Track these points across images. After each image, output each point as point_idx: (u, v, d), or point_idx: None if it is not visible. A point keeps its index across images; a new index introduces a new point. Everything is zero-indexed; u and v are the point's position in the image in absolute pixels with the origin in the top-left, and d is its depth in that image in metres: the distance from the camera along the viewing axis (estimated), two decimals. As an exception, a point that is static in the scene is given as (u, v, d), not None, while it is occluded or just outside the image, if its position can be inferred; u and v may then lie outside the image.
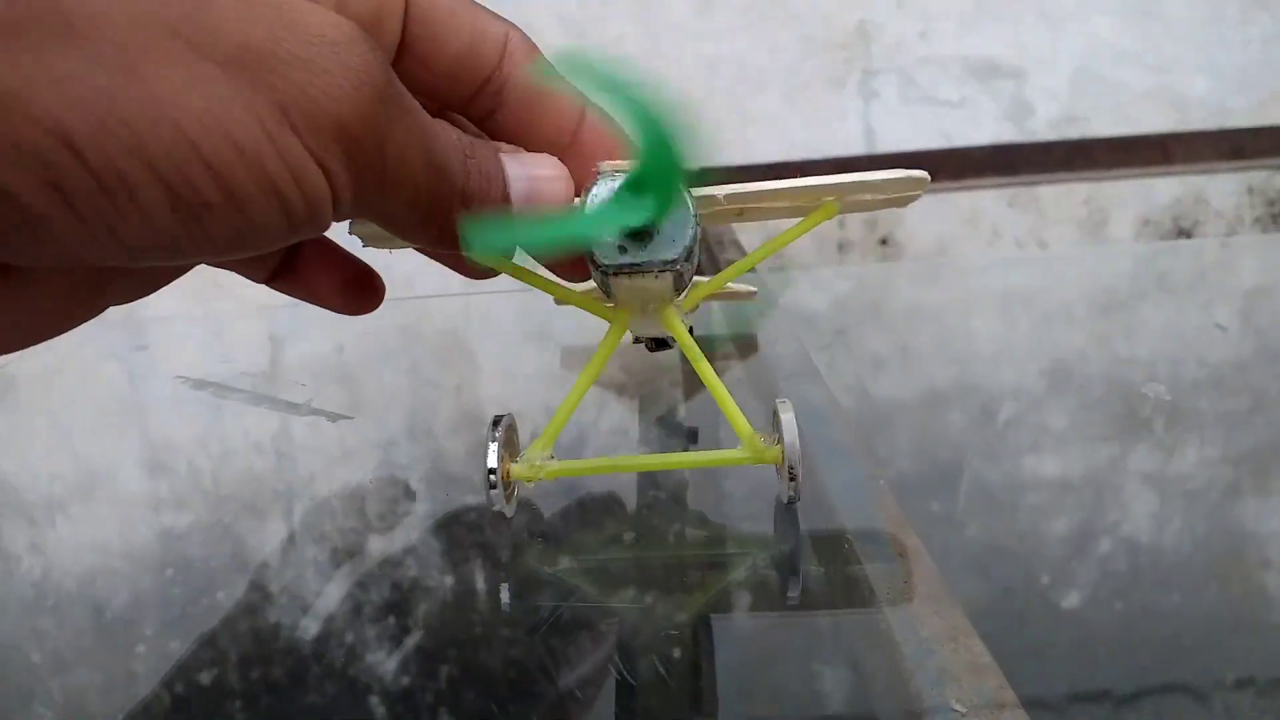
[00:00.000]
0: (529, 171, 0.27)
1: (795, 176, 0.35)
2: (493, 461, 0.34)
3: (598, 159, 0.29)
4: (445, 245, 0.26)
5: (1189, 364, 0.52)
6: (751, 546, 0.36)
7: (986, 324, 0.61)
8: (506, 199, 0.27)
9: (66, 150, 0.18)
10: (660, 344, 0.46)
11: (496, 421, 0.35)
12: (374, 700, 0.29)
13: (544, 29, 0.96)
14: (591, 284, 0.34)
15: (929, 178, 0.35)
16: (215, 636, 0.33)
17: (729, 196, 0.34)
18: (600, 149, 0.29)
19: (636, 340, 0.46)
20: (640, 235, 0.30)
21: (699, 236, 0.31)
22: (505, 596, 0.34)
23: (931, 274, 0.87)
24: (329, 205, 0.22)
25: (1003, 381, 0.51)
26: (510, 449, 0.36)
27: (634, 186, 0.27)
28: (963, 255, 0.98)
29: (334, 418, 0.48)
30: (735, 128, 0.98)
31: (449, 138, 0.25)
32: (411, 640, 0.32)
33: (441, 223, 0.25)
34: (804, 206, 0.36)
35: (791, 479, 0.33)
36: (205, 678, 0.31)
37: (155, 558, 0.39)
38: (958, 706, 0.25)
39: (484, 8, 0.28)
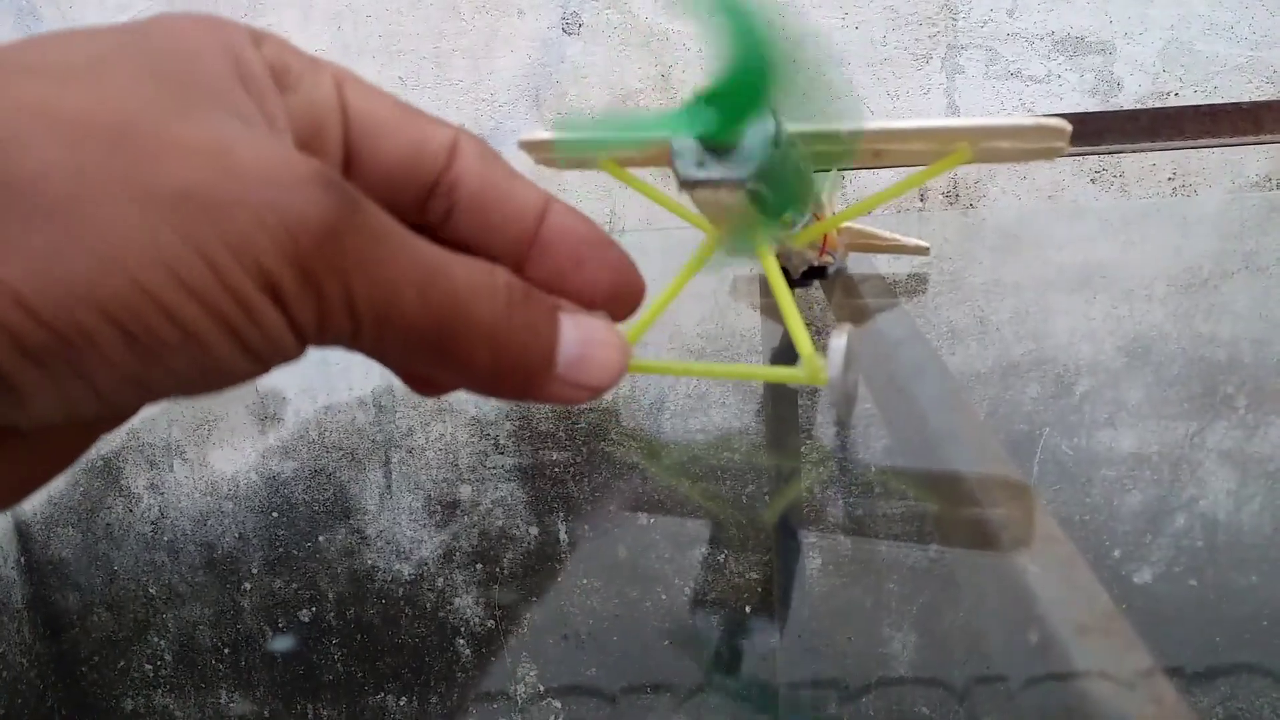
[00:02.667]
0: (585, 335, 0.26)
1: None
2: None
3: (563, 258, 0.27)
4: (469, 385, 0.25)
5: (1275, 344, 0.51)
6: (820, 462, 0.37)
7: (1066, 299, 0.61)
8: (550, 361, 0.25)
9: (19, 310, 0.18)
10: (806, 277, 0.52)
11: None
12: (461, 642, 0.31)
13: (640, 8, 0.97)
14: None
15: (1069, 128, 0.34)
16: (315, 577, 0.35)
17: (854, 133, 0.34)
18: (566, 246, 0.27)
19: (793, 282, 0.52)
20: (718, 149, 0.30)
21: (790, 164, 0.31)
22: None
23: (1012, 246, 0.86)
24: (290, 340, 0.22)
25: (1079, 356, 0.51)
26: None
27: (712, 97, 0.27)
28: (1044, 230, 0.97)
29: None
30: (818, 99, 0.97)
31: (471, 275, 0.23)
32: (497, 586, 0.33)
33: (465, 363, 0.23)
34: (938, 150, 0.35)
35: (837, 402, 0.33)
36: (305, 615, 0.33)
37: (262, 501, 0.41)
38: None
39: (429, 115, 0.27)
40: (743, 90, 0.26)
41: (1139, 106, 0.96)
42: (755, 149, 0.30)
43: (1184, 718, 0.26)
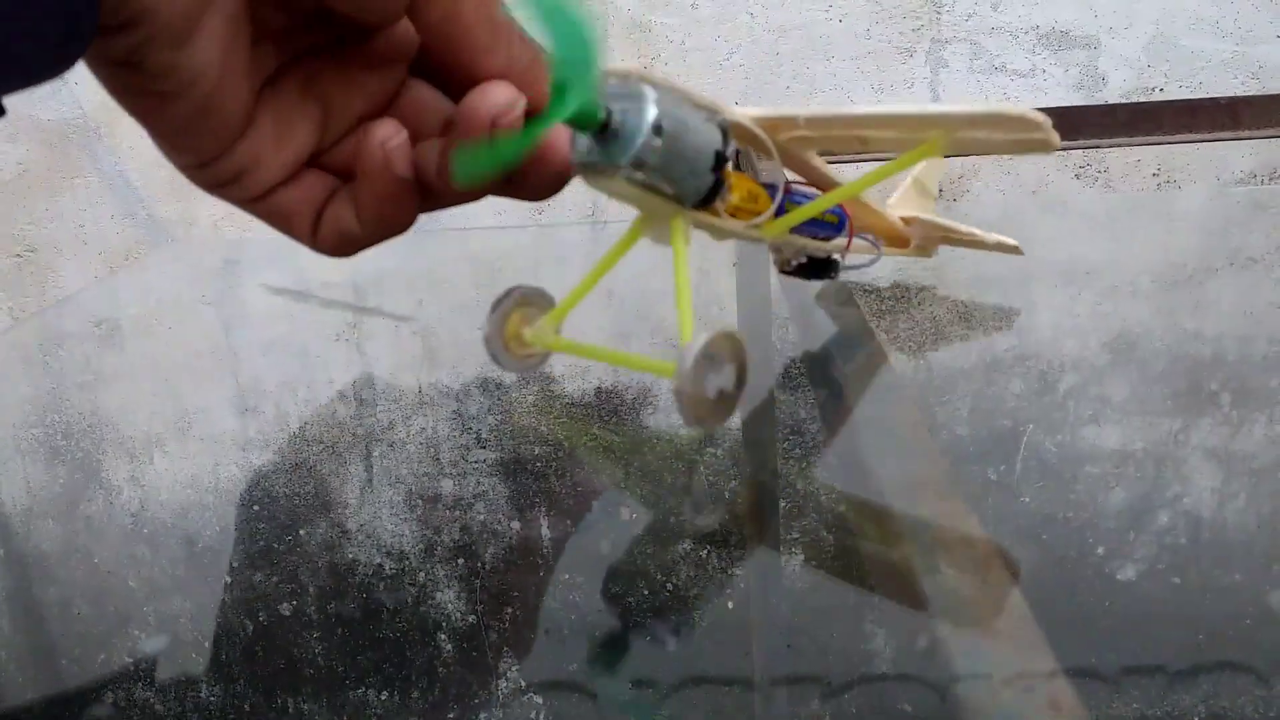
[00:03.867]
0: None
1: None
2: (489, 327, 0.38)
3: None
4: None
5: (1259, 341, 0.51)
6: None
7: (1050, 294, 0.61)
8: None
9: None
10: (809, 272, 0.49)
11: (509, 292, 0.39)
12: (442, 637, 0.30)
13: (623, 0, 0.97)
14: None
15: (1043, 119, 0.34)
16: (296, 570, 0.35)
17: (811, 120, 0.34)
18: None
19: (784, 271, 0.50)
20: (603, 138, 0.32)
21: (686, 154, 0.33)
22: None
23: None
24: None
25: (1063, 351, 0.51)
26: (527, 318, 0.40)
27: (556, 86, 0.29)
28: (1028, 225, 0.97)
29: (399, 320, 0.50)
30: (802, 93, 0.98)
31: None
32: (479, 581, 0.33)
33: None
34: (907, 140, 0.35)
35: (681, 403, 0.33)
36: (286, 609, 0.33)
37: (243, 494, 0.41)
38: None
39: None
40: (565, 73, 0.29)
41: (1124, 101, 0.96)
42: (631, 136, 0.32)
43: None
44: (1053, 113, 0.34)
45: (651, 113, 0.33)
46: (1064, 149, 0.95)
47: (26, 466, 0.44)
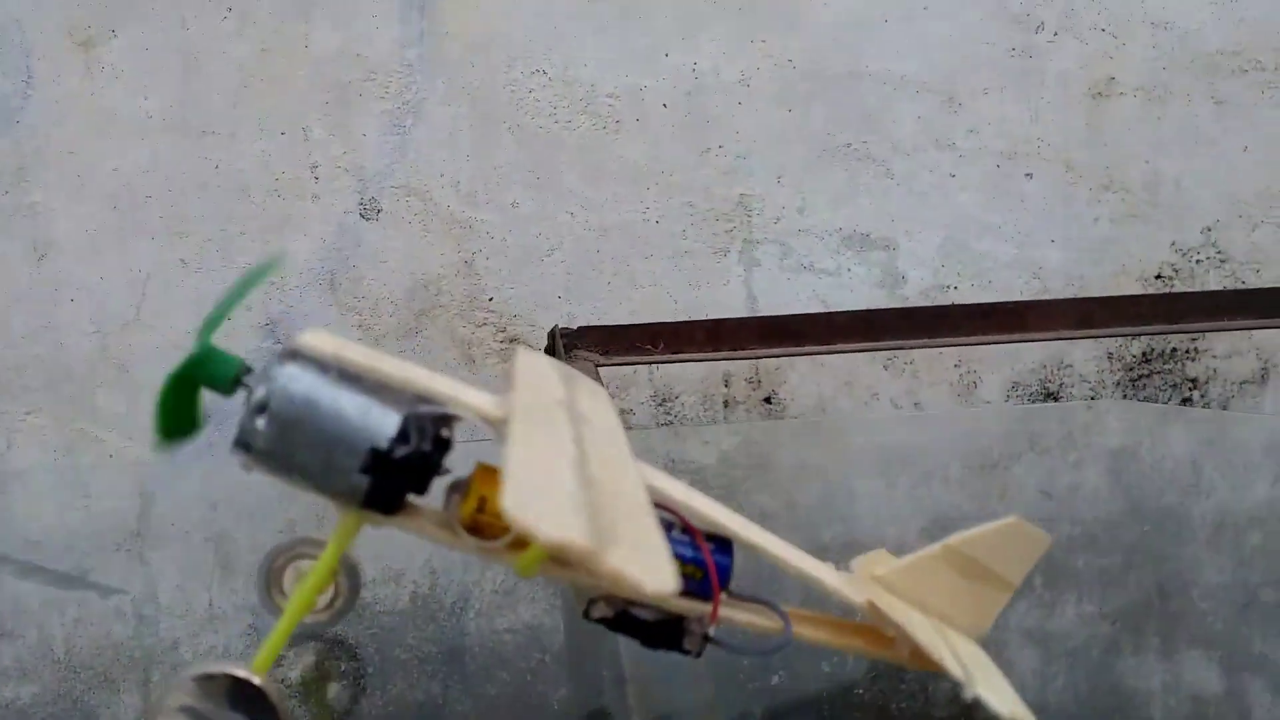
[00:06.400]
0: None
1: (666, 334, 0.35)
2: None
3: None
4: None
5: (1063, 522, 0.53)
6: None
7: (869, 482, 0.62)
8: None
9: None
10: (640, 633, 0.34)
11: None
12: None
13: (443, 197, 0.98)
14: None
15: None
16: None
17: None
18: None
19: (589, 618, 0.34)
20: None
21: (296, 444, 0.30)
22: None
23: (814, 432, 0.88)
24: None
25: (885, 538, 0.52)
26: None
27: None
28: (843, 415, 1.00)
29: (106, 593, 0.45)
30: (623, 289, 1.00)
31: None
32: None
33: None
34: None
35: None
36: None
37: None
38: None
39: None
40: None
41: (923, 299, 1.02)
42: (241, 415, 0.31)
43: None
44: (857, 316, 0.36)
45: (262, 388, 0.30)
46: (873, 349, 1.00)
47: None
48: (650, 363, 0.96)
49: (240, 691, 0.30)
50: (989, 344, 0.97)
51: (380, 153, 0.98)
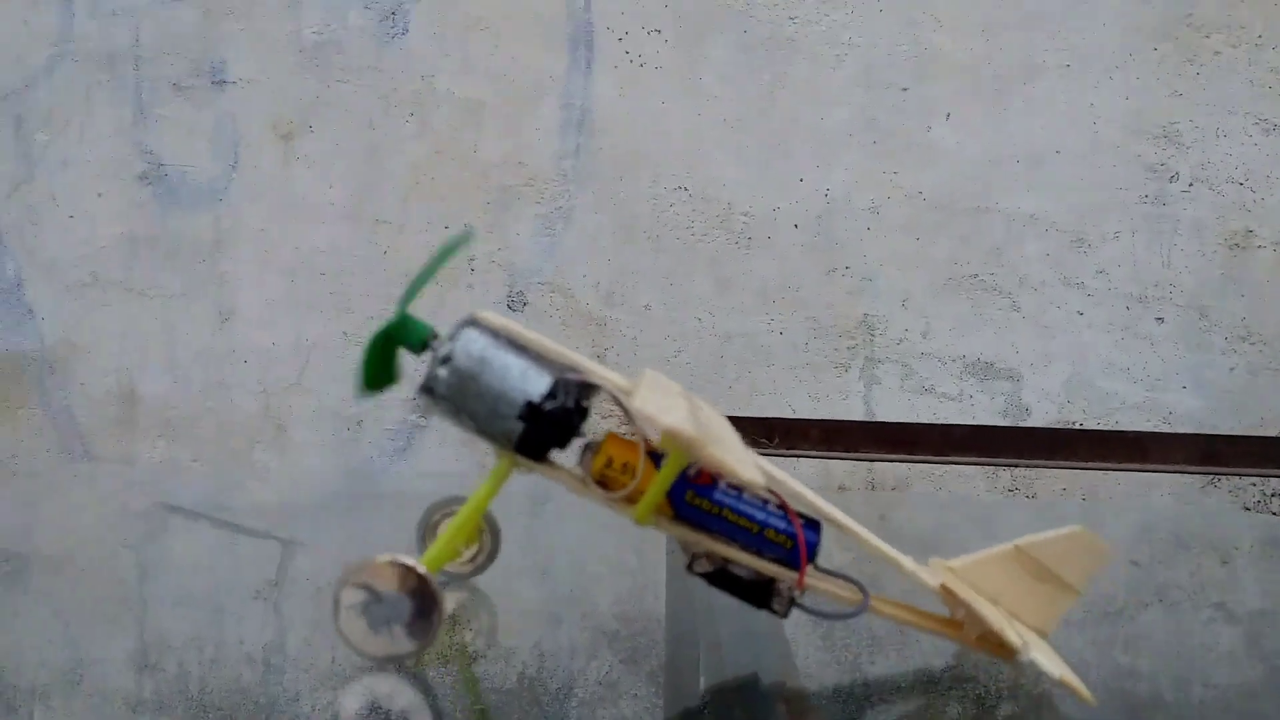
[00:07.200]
0: None
1: (781, 429, 0.39)
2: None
3: None
4: None
5: (1194, 685, 0.50)
6: None
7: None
8: None
9: None
10: (735, 589, 0.39)
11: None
12: None
13: (583, 296, 1.05)
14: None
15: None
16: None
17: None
18: None
19: (692, 573, 0.40)
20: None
21: (470, 395, 0.37)
22: None
23: (931, 554, 0.86)
24: None
25: (1000, 678, 0.47)
26: None
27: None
28: (961, 544, 0.98)
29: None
30: (744, 394, 1.03)
31: None
32: None
33: None
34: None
35: None
36: None
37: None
38: None
39: None
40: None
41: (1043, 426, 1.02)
42: (430, 365, 0.38)
43: None
44: (975, 431, 0.39)
45: (447, 346, 0.37)
46: (988, 464, 1.00)
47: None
48: (763, 454, 0.98)
49: (410, 580, 0.38)
50: (1110, 469, 0.95)
51: (531, 251, 1.06)
